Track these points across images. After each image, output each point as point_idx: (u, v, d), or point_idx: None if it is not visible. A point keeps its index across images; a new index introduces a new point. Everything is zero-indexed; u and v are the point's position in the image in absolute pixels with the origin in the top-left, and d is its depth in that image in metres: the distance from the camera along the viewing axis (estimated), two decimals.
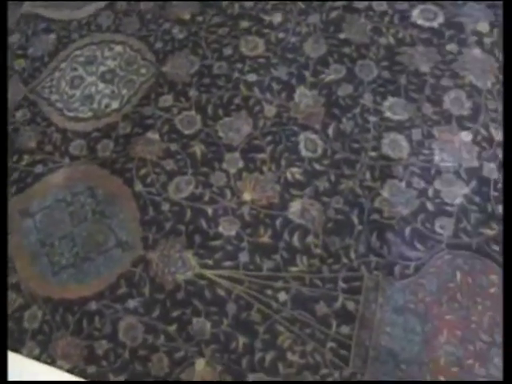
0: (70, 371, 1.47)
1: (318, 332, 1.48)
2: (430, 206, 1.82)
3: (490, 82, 2.02)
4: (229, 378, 1.45)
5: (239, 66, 1.99)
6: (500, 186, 1.77)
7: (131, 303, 1.65)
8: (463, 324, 1.63)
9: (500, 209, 1.68)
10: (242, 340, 1.64)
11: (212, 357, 1.60)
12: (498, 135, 1.92)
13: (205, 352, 1.61)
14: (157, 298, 1.69)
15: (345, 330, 1.57)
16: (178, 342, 1.62)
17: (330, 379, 1.47)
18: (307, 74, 1.96)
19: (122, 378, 1.50)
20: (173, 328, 1.64)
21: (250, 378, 1.56)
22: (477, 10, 1.99)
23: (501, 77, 1.99)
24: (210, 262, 1.74)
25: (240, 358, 1.50)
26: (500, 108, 1.94)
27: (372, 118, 1.89)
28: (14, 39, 2.26)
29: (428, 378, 1.55)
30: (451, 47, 2.03)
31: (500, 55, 1.96)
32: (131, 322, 1.60)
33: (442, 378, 1.54)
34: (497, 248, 1.71)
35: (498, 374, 1.54)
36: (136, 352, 1.45)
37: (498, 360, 1.58)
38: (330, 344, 1.51)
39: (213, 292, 1.69)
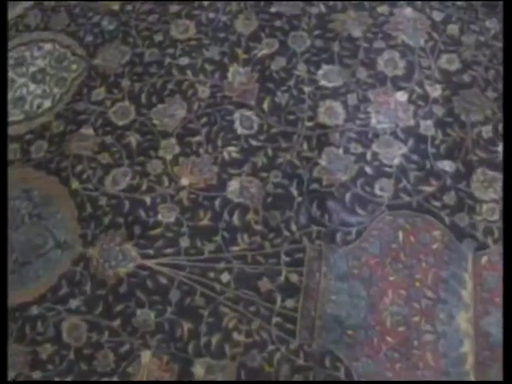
0: (14, 379, 1.42)
1: (262, 309, 1.46)
2: (368, 170, 1.80)
3: (423, 39, 2.01)
4: (175, 367, 1.45)
5: (171, 50, 1.97)
6: (437, 142, 1.68)
7: (73, 303, 1.62)
8: (408, 283, 1.62)
9: (439, 165, 1.57)
10: (186, 326, 1.63)
11: (158, 347, 1.60)
12: (434, 92, 1.93)
13: (150, 343, 1.61)
14: (99, 295, 1.67)
15: (290, 303, 1.55)
16: (123, 336, 1.61)
17: (277, 355, 1.44)
18: (240, 51, 1.92)
19: (68, 380, 1.41)
20: (117, 323, 1.63)
21: (197, 363, 1.58)
22: None
23: (434, 34, 1.96)
24: (151, 252, 1.73)
25: (186, 345, 1.50)
26: (433, 65, 1.92)
27: (307, 88, 1.88)
28: None
29: (375, 341, 1.56)
30: (382, 9, 2.02)
31: (432, 12, 2.02)
32: (74, 321, 1.56)
33: (389, 339, 1.55)
34: (437, 204, 1.72)
35: (443, 328, 1.58)
36: (81, 352, 1.44)
37: (443, 316, 1.59)
38: (276, 319, 1.49)
39: (155, 281, 1.68)
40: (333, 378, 1.51)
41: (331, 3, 2.15)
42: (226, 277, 1.56)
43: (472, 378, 1.49)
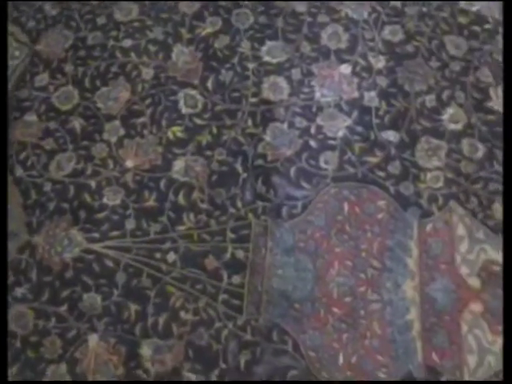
0: None
1: (209, 286, 1.43)
2: (313, 143, 1.78)
3: (367, 12, 2.01)
4: (123, 349, 1.42)
5: (114, 33, 1.94)
6: (381, 112, 1.72)
7: (19, 291, 1.61)
8: (353, 254, 1.61)
9: (383, 135, 1.54)
10: (133, 308, 1.60)
11: (105, 330, 1.57)
12: (377, 63, 1.92)
13: (97, 327, 1.58)
14: (45, 282, 1.63)
15: (236, 279, 1.53)
16: (70, 322, 1.58)
17: (224, 331, 1.42)
18: (183, 31, 1.90)
19: (15, 369, 1.44)
20: (63, 308, 1.59)
21: (144, 344, 1.57)
22: None
23: (377, 6, 2.02)
24: (97, 235, 1.69)
25: (133, 327, 1.47)
26: (377, 37, 1.93)
27: (251, 65, 1.85)
28: None
29: (322, 313, 1.55)
30: None
31: None
32: (20, 310, 1.56)
33: (335, 310, 1.54)
34: (382, 174, 1.71)
35: (389, 297, 1.57)
36: (27, 339, 1.40)
37: (389, 284, 1.58)
38: (223, 296, 1.48)
39: (101, 265, 1.65)
40: (280, 351, 1.52)
41: None
42: (172, 256, 1.52)
43: (418, 345, 1.52)
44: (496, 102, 1.80)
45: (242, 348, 1.50)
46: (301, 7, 2.04)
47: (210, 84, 1.85)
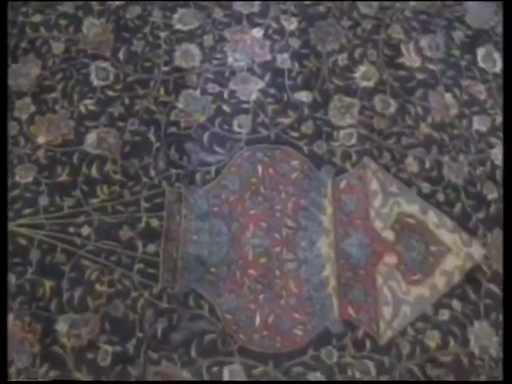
0: None
1: (124, 257, 1.36)
2: (226, 108, 1.75)
3: None
4: (38, 327, 1.38)
5: (23, 9, 1.79)
6: (294, 74, 1.73)
7: None
8: (268, 215, 1.60)
9: (296, 96, 1.51)
10: (48, 284, 1.55)
11: (20, 309, 1.51)
12: (290, 25, 1.88)
13: (12, 306, 1.51)
14: None
15: (151, 248, 1.49)
16: None
17: (140, 301, 1.37)
18: (94, 3, 1.79)
19: None
20: None
21: (60, 320, 1.54)
22: None
23: None
24: (10, 214, 1.62)
25: (48, 304, 1.42)
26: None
27: (163, 34, 1.80)
28: None
29: (238, 275, 1.54)
30: None
31: None
32: None
33: (251, 272, 1.53)
34: (295, 134, 1.70)
35: (304, 255, 1.58)
36: None
37: (304, 243, 1.57)
38: (138, 266, 1.42)
39: (15, 243, 1.58)
40: (196, 316, 1.50)
41: None
42: (86, 230, 1.46)
43: (334, 300, 1.52)
44: (407, 58, 1.80)
45: (158, 316, 1.48)
46: None
47: (121, 55, 1.78)
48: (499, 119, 1.67)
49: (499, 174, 1.54)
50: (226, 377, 1.23)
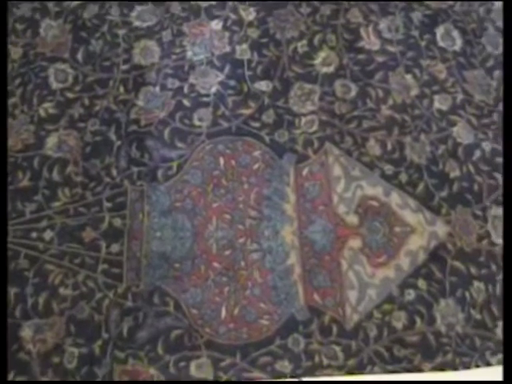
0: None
1: (88, 259, 1.36)
2: (186, 102, 1.75)
3: None
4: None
5: None
6: (254, 64, 1.72)
7: None
8: (231, 207, 1.60)
9: (256, 86, 1.50)
10: (12, 291, 1.53)
11: None
12: (248, 16, 1.88)
13: None
14: None
15: (115, 248, 1.47)
16: None
17: (105, 301, 1.36)
18: (51, 4, 1.77)
19: None
20: None
21: (25, 326, 1.53)
22: None
23: None
24: None
25: (13, 310, 1.38)
26: None
27: (121, 32, 1.80)
28: None
29: (202, 269, 1.55)
30: None
31: None
32: None
33: (216, 265, 1.54)
34: (256, 124, 1.70)
35: (268, 244, 1.58)
36: None
37: (268, 232, 1.58)
38: (102, 266, 1.42)
39: None
40: (162, 313, 1.50)
41: None
42: (48, 234, 1.44)
43: (300, 288, 1.53)
44: (367, 41, 1.82)
45: (123, 315, 1.48)
46: None
47: (80, 56, 1.78)
48: (460, 97, 1.68)
49: (461, 151, 1.71)
50: (193, 371, 1.22)
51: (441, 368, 1.28)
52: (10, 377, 1.31)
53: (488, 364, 1.36)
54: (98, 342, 1.38)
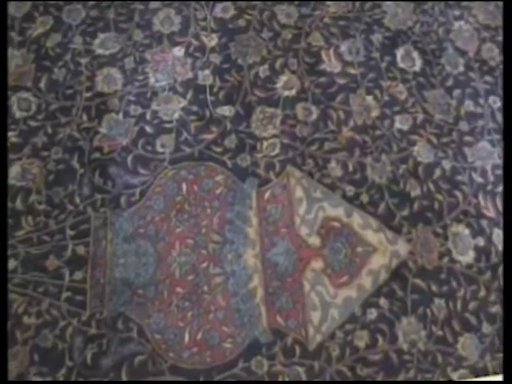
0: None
1: (51, 287, 1.43)
2: (149, 129, 1.82)
3: None
4: None
5: None
6: (216, 89, 1.82)
7: None
8: (194, 232, 1.66)
9: (218, 111, 1.61)
10: None
11: None
12: (210, 42, 1.97)
13: None
14: None
15: (78, 275, 1.54)
16: None
17: (69, 329, 1.44)
18: (14, 34, 1.85)
19: None
20: None
21: None
22: None
23: None
24: None
25: None
26: (209, 16, 2.09)
27: (84, 60, 1.87)
28: None
29: (165, 295, 1.62)
30: None
31: None
32: None
33: (179, 290, 1.58)
34: (218, 149, 1.78)
35: (231, 268, 1.66)
36: None
37: (231, 256, 1.64)
38: (66, 294, 1.50)
39: None
40: (126, 339, 1.55)
41: None
42: (12, 263, 1.51)
43: (263, 310, 1.58)
44: (328, 64, 1.90)
45: (87, 342, 1.51)
46: None
47: (43, 84, 1.84)
48: (420, 116, 1.77)
49: (421, 170, 1.78)
50: None
51: None
52: None
53: (450, 380, 1.44)
54: (62, 371, 1.43)
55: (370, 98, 1.78)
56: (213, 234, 1.58)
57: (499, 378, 1.39)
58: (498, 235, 1.56)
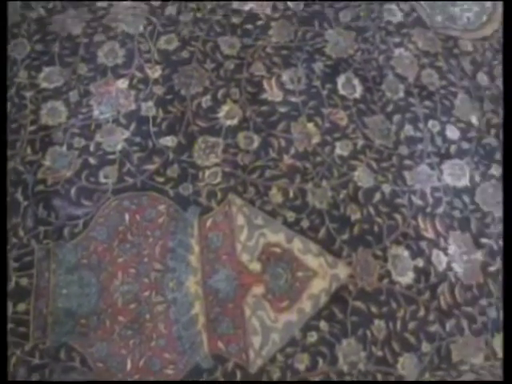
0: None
1: None
2: (92, 161, 1.91)
3: (142, 25, 2.18)
4: None
5: None
6: (159, 120, 1.92)
7: None
8: (136, 261, 1.75)
9: (161, 142, 1.84)
10: None
11: None
12: (154, 73, 2.11)
13: None
14: None
15: (21, 307, 1.63)
16: None
17: (12, 359, 1.50)
18: None
19: None
20: None
21: None
22: None
23: (153, 18, 2.22)
24: None
25: None
26: (153, 48, 2.24)
27: (28, 94, 1.98)
28: None
29: (108, 324, 1.69)
30: (102, 3, 2.20)
31: None
32: None
33: (121, 319, 1.67)
34: (161, 179, 1.87)
35: (173, 296, 1.75)
36: None
37: (172, 284, 1.72)
38: (9, 326, 1.52)
39: None
40: (69, 368, 1.62)
41: (50, 5, 2.26)
42: None
43: (204, 337, 1.67)
44: (270, 93, 2.05)
45: (30, 372, 1.58)
46: (76, 30, 2.19)
47: None
48: (361, 142, 1.91)
49: (361, 195, 1.87)
50: None
51: None
52: None
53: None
54: None
55: (311, 125, 1.84)
56: (155, 263, 1.63)
57: None
58: (437, 256, 1.65)
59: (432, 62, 2.19)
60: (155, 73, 2.13)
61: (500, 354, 1.52)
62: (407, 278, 1.78)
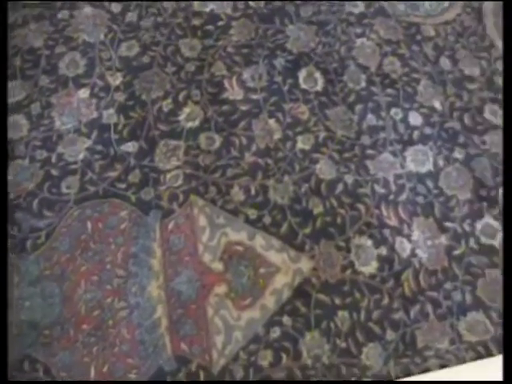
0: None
1: None
2: (54, 172, 1.94)
3: (103, 33, 2.21)
4: None
5: None
6: (120, 127, 1.95)
7: None
8: (99, 268, 1.76)
9: (122, 148, 1.92)
10: None
11: None
12: (115, 81, 2.14)
13: None
14: None
15: None
16: None
17: None
18: None
19: None
20: None
21: None
22: None
23: (114, 25, 2.23)
24: None
25: None
26: (114, 55, 2.24)
27: None
28: None
29: (72, 333, 1.70)
30: (63, 14, 2.24)
31: (110, 5, 2.34)
32: None
33: (85, 327, 1.68)
34: (122, 185, 1.89)
35: (136, 301, 1.77)
36: None
37: (135, 289, 1.75)
38: None
39: None
40: (33, 378, 1.63)
41: (12, 19, 2.34)
42: None
43: (167, 339, 1.68)
44: (231, 92, 2.09)
45: None
46: (38, 42, 2.23)
47: None
48: (322, 134, 1.94)
49: (324, 187, 1.88)
50: None
51: None
52: None
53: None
54: None
55: (272, 122, 1.87)
56: (117, 269, 1.63)
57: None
58: (400, 243, 1.65)
59: (394, 49, 2.22)
60: (116, 80, 2.16)
61: (465, 337, 1.48)
62: (370, 268, 1.79)
